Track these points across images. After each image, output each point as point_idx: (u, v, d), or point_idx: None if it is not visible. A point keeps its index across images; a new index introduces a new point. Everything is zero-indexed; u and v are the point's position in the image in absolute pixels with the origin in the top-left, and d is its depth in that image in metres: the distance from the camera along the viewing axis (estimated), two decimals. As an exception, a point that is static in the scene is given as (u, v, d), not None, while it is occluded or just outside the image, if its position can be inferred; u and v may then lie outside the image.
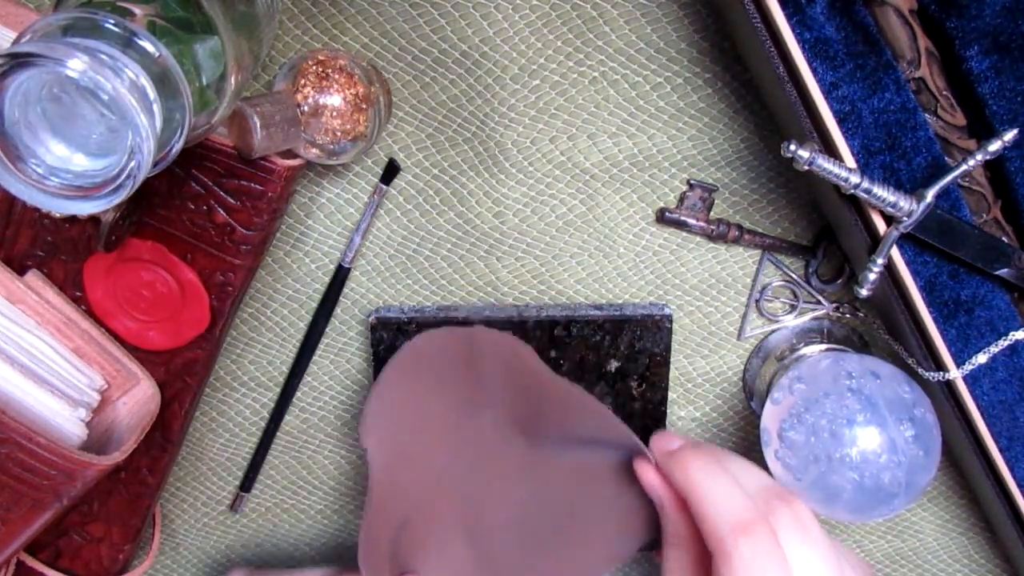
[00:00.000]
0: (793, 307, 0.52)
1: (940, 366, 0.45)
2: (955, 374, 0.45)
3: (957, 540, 0.58)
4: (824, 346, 0.51)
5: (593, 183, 0.49)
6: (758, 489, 0.43)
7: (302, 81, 0.43)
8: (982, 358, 0.44)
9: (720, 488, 0.42)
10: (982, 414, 0.46)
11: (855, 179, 0.40)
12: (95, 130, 0.31)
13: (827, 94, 0.40)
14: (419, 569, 0.52)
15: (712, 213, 0.50)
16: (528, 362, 0.48)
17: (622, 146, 0.48)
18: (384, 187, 0.47)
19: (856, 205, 0.42)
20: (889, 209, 0.41)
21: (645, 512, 0.50)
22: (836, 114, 0.40)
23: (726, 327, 0.52)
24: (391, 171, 0.47)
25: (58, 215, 0.46)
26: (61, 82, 0.29)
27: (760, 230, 0.50)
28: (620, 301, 0.52)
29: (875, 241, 0.43)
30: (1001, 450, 0.47)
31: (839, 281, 0.51)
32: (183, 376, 0.50)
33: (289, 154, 0.44)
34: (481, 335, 0.48)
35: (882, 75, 0.40)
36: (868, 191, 0.40)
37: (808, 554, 0.41)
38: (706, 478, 0.43)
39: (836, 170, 0.39)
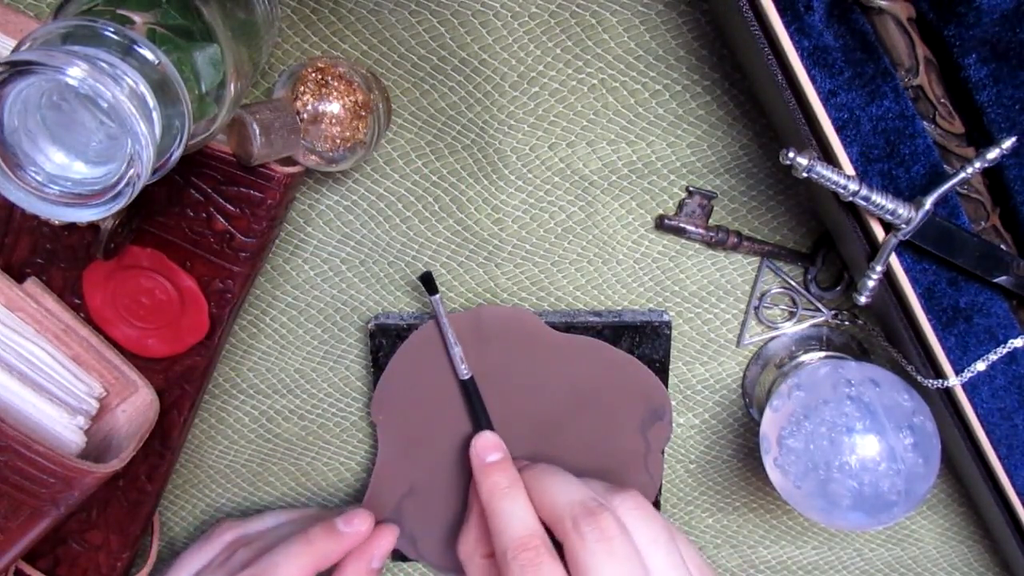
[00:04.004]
0: (792, 314, 0.52)
1: (939, 374, 0.45)
2: (954, 382, 0.45)
3: (957, 548, 0.58)
4: (823, 353, 0.51)
5: (592, 190, 0.49)
6: (594, 488, 0.46)
7: (301, 88, 0.43)
8: (981, 366, 0.44)
9: (517, 507, 0.46)
10: (981, 422, 0.46)
11: (854, 186, 0.40)
12: (94, 138, 0.31)
13: (826, 102, 0.40)
14: (424, 536, 0.55)
15: (711, 220, 0.50)
16: (535, 328, 0.50)
17: (621, 153, 0.48)
18: (436, 298, 0.49)
19: (855, 212, 0.42)
20: (888, 216, 0.41)
21: (655, 472, 0.53)
22: (835, 121, 0.40)
23: (725, 334, 0.52)
24: (429, 282, 0.49)
25: (57, 222, 0.46)
26: (61, 90, 0.29)
27: (759, 237, 0.50)
28: (619, 308, 0.52)
29: (874, 248, 0.43)
30: (1000, 458, 0.47)
31: (838, 288, 0.51)
32: (182, 383, 0.49)
33: (288, 161, 0.44)
34: (487, 311, 0.50)
35: (880, 83, 0.40)
36: (867, 198, 0.40)
37: (654, 535, 0.43)
38: (504, 500, 0.46)
39: (835, 177, 0.40)
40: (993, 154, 0.40)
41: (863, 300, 0.43)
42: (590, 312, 0.52)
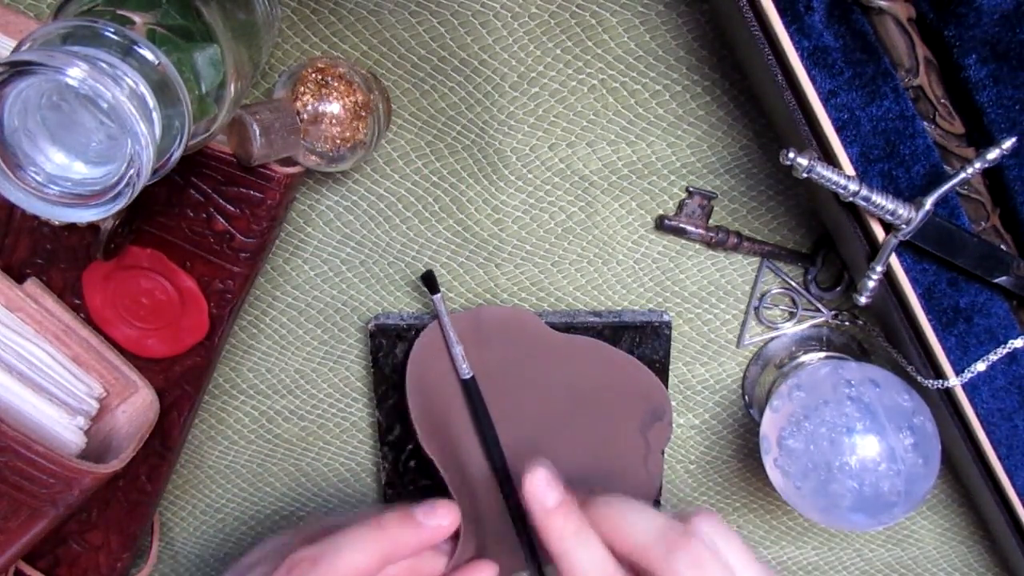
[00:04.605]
0: (792, 314, 0.52)
1: (939, 374, 0.45)
2: (954, 382, 0.45)
3: (957, 548, 0.58)
4: (823, 354, 0.51)
5: (592, 190, 0.49)
6: (666, 516, 0.43)
7: (301, 89, 0.43)
8: (981, 366, 0.44)
9: (593, 553, 0.42)
10: (981, 422, 0.46)
11: (854, 187, 0.40)
12: (94, 138, 0.31)
13: (826, 102, 0.40)
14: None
15: (711, 220, 0.50)
16: (535, 328, 0.50)
17: (621, 153, 0.48)
18: (437, 297, 0.49)
19: (855, 213, 0.42)
20: (888, 217, 0.41)
21: (655, 472, 0.53)
22: (835, 122, 0.40)
23: (725, 334, 0.52)
24: (431, 281, 0.49)
25: (57, 223, 0.46)
26: (61, 90, 0.29)
27: (759, 237, 0.50)
28: (619, 308, 0.52)
29: (874, 249, 0.43)
30: (1000, 458, 0.47)
31: (838, 289, 0.51)
32: (182, 383, 0.49)
33: (288, 162, 0.44)
34: (487, 312, 0.50)
35: (880, 83, 0.40)
36: (867, 199, 0.40)
37: (739, 553, 0.41)
38: (579, 546, 0.42)
39: (835, 178, 0.40)
40: (993, 154, 0.40)
41: (863, 300, 0.43)
42: (590, 312, 0.52)
